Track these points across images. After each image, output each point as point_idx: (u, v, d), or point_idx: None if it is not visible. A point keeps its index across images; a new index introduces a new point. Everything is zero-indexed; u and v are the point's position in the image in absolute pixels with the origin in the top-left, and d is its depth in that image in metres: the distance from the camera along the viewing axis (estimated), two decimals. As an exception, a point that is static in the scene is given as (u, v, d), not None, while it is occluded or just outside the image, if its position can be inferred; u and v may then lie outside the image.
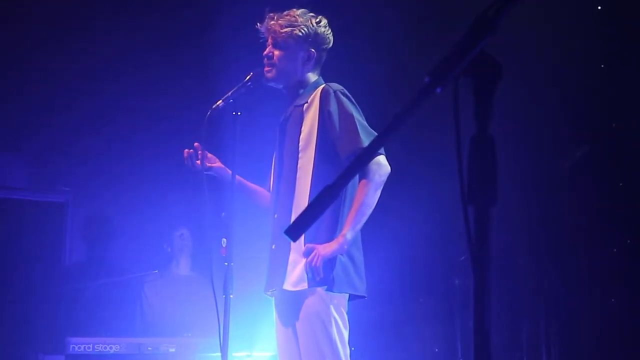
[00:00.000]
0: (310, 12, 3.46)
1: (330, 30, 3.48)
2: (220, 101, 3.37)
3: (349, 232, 3.15)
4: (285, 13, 3.44)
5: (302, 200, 3.27)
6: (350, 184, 3.23)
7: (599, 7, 5.01)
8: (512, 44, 4.33)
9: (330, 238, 3.19)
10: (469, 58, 1.27)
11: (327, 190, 1.31)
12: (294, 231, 1.34)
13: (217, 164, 3.53)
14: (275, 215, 3.38)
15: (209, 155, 3.52)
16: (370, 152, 1.39)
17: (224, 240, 3.24)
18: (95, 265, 5.86)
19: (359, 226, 3.20)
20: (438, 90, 1.28)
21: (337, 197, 1.32)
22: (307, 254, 3.16)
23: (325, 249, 3.13)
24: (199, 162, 3.44)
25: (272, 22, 3.43)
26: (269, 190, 3.57)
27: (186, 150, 3.45)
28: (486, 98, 1.29)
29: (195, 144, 3.44)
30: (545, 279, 5.17)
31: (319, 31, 3.43)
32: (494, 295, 1.26)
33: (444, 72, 1.28)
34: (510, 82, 1.42)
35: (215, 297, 3.17)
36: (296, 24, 3.40)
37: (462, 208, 1.21)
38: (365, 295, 3.30)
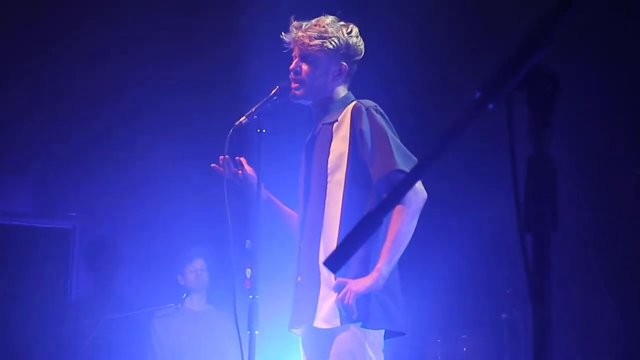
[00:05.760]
0: (340, 21, 3.36)
1: (361, 40, 3.38)
2: (244, 117, 3.30)
3: (384, 266, 3.05)
4: (313, 22, 3.33)
5: (331, 228, 3.21)
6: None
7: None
8: (569, 59, 4.33)
9: (362, 270, 3.10)
10: (524, 70, 1.26)
11: (370, 217, 1.30)
12: (333, 262, 1.32)
13: (246, 167, 3.46)
14: (302, 244, 3.31)
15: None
16: (419, 172, 1.38)
17: (249, 270, 3.19)
18: (104, 297, 5.87)
19: (396, 259, 3.10)
20: (490, 106, 1.27)
21: (380, 224, 1.30)
22: (338, 289, 3.07)
23: (358, 285, 3.04)
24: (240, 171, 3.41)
25: (300, 33, 3.32)
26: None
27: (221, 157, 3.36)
28: (543, 114, 1.28)
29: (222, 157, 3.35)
30: (601, 311, 5.12)
31: (350, 42, 3.33)
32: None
33: (497, 86, 1.27)
34: (567, 100, 1.41)
35: (238, 333, 3.12)
36: (326, 35, 3.30)
37: (519, 236, 1.19)
38: (406, 332, 3.23)
